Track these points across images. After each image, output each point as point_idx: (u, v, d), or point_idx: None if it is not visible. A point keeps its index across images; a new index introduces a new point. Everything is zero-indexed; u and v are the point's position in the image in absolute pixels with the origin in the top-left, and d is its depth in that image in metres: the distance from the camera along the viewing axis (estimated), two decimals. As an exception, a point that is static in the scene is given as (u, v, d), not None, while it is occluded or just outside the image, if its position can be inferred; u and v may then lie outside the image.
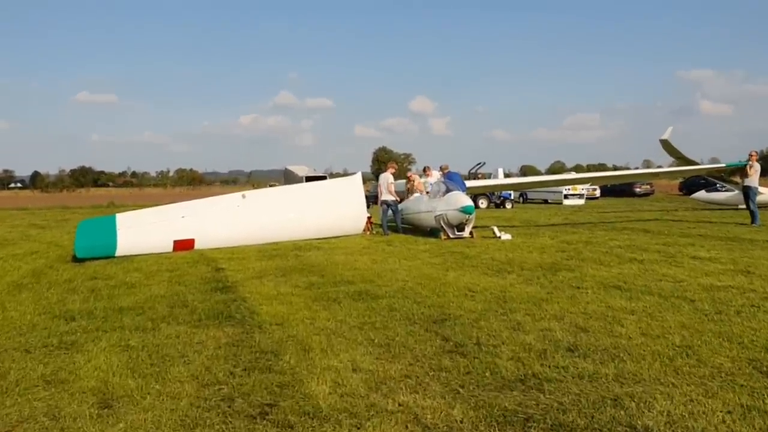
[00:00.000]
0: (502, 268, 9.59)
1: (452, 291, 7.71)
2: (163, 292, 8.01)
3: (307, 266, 10.24)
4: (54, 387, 4.37)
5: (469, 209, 13.84)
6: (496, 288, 7.88)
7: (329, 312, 6.64)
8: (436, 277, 8.92)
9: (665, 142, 21.07)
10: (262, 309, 6.82)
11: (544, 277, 8.75)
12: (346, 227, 15.62)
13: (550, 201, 37.30)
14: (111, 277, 9.35)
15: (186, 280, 9.00)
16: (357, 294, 7.61)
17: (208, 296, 7.66)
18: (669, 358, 4.77)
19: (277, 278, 9.12)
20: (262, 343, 5.37)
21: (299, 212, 14.74)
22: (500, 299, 7.18)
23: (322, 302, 7.20)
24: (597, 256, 10.79)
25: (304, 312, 6.65)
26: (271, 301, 7.31)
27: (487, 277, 8.81)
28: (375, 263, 10.53)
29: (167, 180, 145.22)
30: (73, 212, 33.70)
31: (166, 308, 6.96)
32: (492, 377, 4.42)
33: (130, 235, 12.17)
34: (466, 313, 6.44)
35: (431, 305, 6.87)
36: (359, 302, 7.12)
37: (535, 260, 10.44)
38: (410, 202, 16.85)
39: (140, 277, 9.29)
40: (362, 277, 9.02)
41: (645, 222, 19.16)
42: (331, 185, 17.33)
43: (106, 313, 6.78)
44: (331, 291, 7.88)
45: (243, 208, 13.99)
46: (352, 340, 5.47)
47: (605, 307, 6.68)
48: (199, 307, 6.98)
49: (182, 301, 7.33)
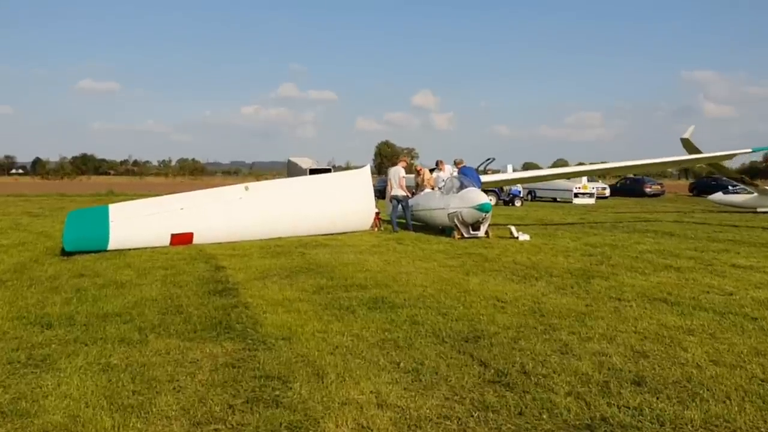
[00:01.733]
0: (528, 274, 8.76)
1: (479, 300, 6.87)
2: (155, 294, 7.17)
3: (314, 266, 9.42)
4: (10, 422, 3.54)
5: (486, 207, 13.00)
6: (528, 298, 7.05)
7: (343, 324, 5.81)
8: (457, 282, 8.09)
9: (686, 141, 20.21)
10: (267, 318, 5.99)
11: (578, 285, 7.92)
12: (354, 223, 14.78)
13: (559, 199, 36.40)
14: (99, 275, 8.52)
15: (182, 280, 8.17)
16: (372, 301, 6.78)
17: (206, 300, 6.83)
18: (761, 398, 3.93)
19: (281, 280, 8.29)
20: (266, 365, 4.53)
21: (304, 206, 13.88)
22: (535, 312, 6.35)
23: (334, 311, 6.37)
24: (628, 262, 9.96)
25: (314, 323, 5.82)
26: (276, 307, 6.48)
27: (513, 284, 7.98)
28: (387, 264, 9.70)
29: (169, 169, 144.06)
30: (71, 200, 32.85)
31: (157, 315, 6.12)
32: (551, 421, 3.59)
33: (124, 228, 11.31)
34: (501, 329, 5.61)
35: (458, 318, 6.04)
36: (376, 312, 6.29)
37: (562, 265, 9.61)
38: (421, 197, 15.98)
39: (132, 276, 8.46)
40: (375, 280, 8.20)
41: (665, 224, 18.31)
42: (339, 178, 16.43)
43: (89, 319, 5.94)
44: (342, 297, 7.05)
45: (245, 201, 13.14)
46: (372, 362, 4.64)
47: (657, 325, 5.85)
48: (194, 314, 6.15)
49: (176, 306, 6.49)
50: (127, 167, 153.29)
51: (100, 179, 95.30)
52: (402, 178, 15.15)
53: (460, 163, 16.11)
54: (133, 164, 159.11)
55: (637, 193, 42.58)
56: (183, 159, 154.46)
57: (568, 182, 35.44)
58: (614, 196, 41.95)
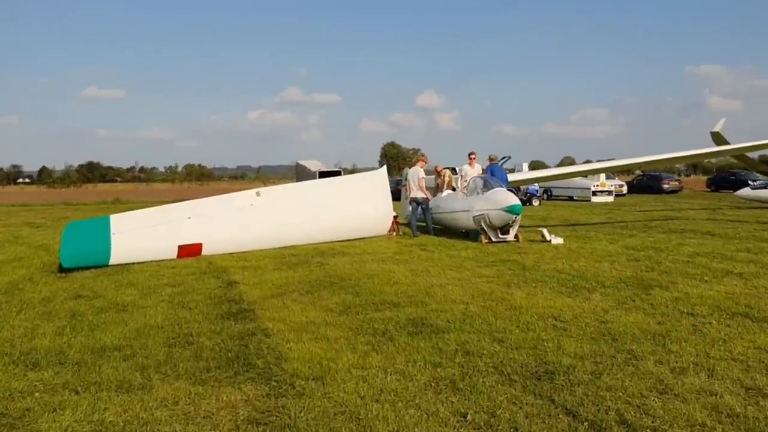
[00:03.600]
0: (577, 285, 7.82)
1: (534, 320, 5.94)
2: (160, 319, 6.28)
3: (336, 279, 8.52)
4: None
5: (516, 209, 12.06)
6: (588, 315, 6.12)
7: (382, 356, 4.90)
8: (500, 296, 7.16)
9: (717, 135, 19.22)
10: (291, 350, 5.08)
11: (638, 297, 6.98)
12: (371, 228, 13.87)
13: (576, 198, 35.34)
14: (98, 296, 7.63)
15: (191, 300, 7.27)
16: (411, 324, 5.86)
17: (219, 326, 5.92)
18: None
19: (302, 296, 7.39)
20: (300, 421, 3.62)
21: (319, 211, 12.99)
22: (604, 335, 5.41)
23: (368, 337, 5.45)
24: (681, 267, 9.01)
25: (348, 355, 4.91)
26: (300, 334, 5.58)
27: (565, 298, 7.05)
28: (416, 275, 8.79)
29: (175, 175, 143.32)
30: (75, 209, 32.09)
31: (162, 347, 5.22)
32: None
33: (127, 240, 10.42)
34: (575, 360, 4.68)
35: (518, 345, 5.12)
36: (418, 338, 5.37)
37: (609, 273, 8.67)
38: (442, 200, 15.05)
39: (135, 296, 7.57)
40: (407, 295, 7.28)
41: (699, 222, 17.30)
42: (355, 181, 15.49)
43: (83, 355, 5.04)
44: (375, 318, 6.13)
45: (257, 207, 12.24)
46: (431, 413, 3.72)
47: (755, 349, 4.93)
48: (206, 345, 5.25)
49: (185, 336, 5.59)
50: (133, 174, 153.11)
51: (106, 187, 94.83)
52: (422, 179, 14.22)
53: (494, 159, 15.13)
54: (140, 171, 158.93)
55: (655, 190, 41.41)
56: (189, 165, 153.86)
57: (585, 180, 34.36)
58: (631, 193, 40.88)
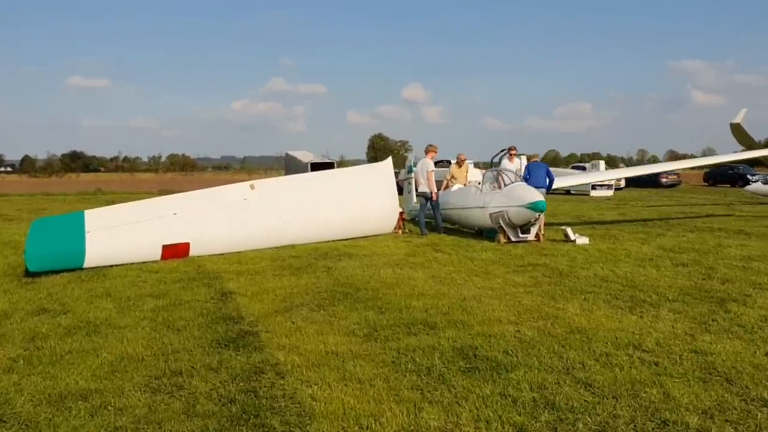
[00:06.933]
0: (633, 297, 6.65)
1: (612, 351, 4.74)
2: (141, 347, 5.00)
3: (349, 288, 7.29)
4: None
5: (540, 206, 10.87)
6: (673, 341, 4.95)
7: (440, 409, 3.68)
8: (551, 314, 5.96)
9: (736, 126, 18.17)
10: (316, 399, 3.84)
11: (718, 316, 5.82)
12: (376, 226, 12.64)
13: (574, 192, 34.36)
14: (67, 310, 6.33)
15: (179, 317, 5.99)
16: (460, 356, 4.64)
17: (217, 359, 4.66)
18: None
19: (313, 312, 6.16)
20: None
21: (321, 207, 11.72)
22: (711, 373, 4.24)
23: (412, 377, 4.23)
24: (742, 275, 7.88)
25: (394, 408, 3.68)
26: (322, 371, 4.34)
27: (628, 315, 5.87)
28: (441, 283, 7.59)
29: (159, 165, 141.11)
30: (54, 200, 30.46)
31: (144, 395, 3.96)
32: None
33: (104, 240, 9.09)
34: (701, 418, 3.49)
35: (614, 393, 3.91)
36: (478, 380, 4.15)
37: (663, 281, 7.51)
38: (452, 194, 13.83)
39: (110, 311, 6.27)
40: (441, 312, 6.07)
41: (722, 220, 16.24)
42: (359, 173, 14.18)
43: (34, 407, 3.77)
44: (411, 345, 4.91)
45: (251, 202, 10.95)
46: None
47: None
48: (202, 391, 3.99)
49: (173, 373, 4.33)
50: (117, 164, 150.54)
51: (89, 177, 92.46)
52: (431, 172, 12.95)
53: (533, 157, 13.92)
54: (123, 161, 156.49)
55: (653, 184, 40.59)
56: (173, 155, 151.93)
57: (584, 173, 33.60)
58: (629, 187, 40.03)
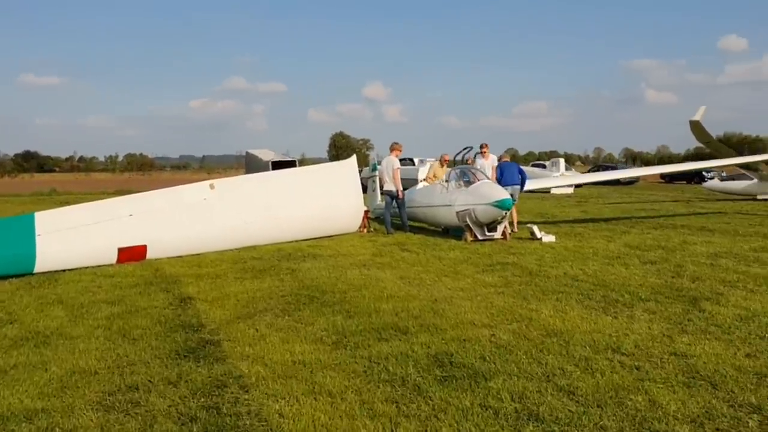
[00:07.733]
0: (606, 297, 6.54)
1: (591, 354, 4.58)
2: (95, 359, 4.65)
3: (315, 291, 7.03)
4: None
5: (506, 204, 10.76)
6: (651, 343, 4.83)
7: (418, 423, 3.45)
8: (525, 315, 5.80)
9: (696, 124, 18.41)
10: (284, 416, 3.57)
11: (693, 315, 5.74)
12: (340, 225, 12.40)
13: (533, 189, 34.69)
14: (15, 319, 5.91)
15: (135, 325, 5.64)
16: (435, 363, 4.43)
17: (176, 371, 4.35)
18: None
19: (278, 318, 5.88)
20: None
21: (283, 206, 11.41)
22: (694, 377, 4.11)
23: (385, 388, 3.99)
24: (711, 272, 7.87)
25: (368, 425, 3.44)
26: (289, 383, 4.07)
27: (603, 316, 5.75)
28: (410, 284, 7.39)
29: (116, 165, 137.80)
30: (6, 201, 29.25)
31: (94, 414, 3.62)
32: None
33: (55, 243, 8.63)
34: (691, 427, 3.33)
35: (598, 401, 3.74)
36: (455, 390, 3.93)
37: (634, 280, 7.44)
38: (418, 192, 13.65)
39: (62, 320, 5.88)
40: (412, 315, 5.86)
41: (684, 217, 16.44)
42: (323, 171, 13.89)
43: (-27, 430, 3.44)
44: (383, 353, 4.67)
45: (211, 202, 10.58)
46: None
47: None
48: (160, 409, 3.68)
49: (127, 389, 4.01)
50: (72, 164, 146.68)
51: (44, 177, 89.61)
52: (396, 170, 12.74)
53: (504, 157, 13.62)
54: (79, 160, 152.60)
55: (611, 182, 41.19)
56: (130, 154, 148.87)
57: (544, 171, 34.23)
58: (587, 184, 40.51)
